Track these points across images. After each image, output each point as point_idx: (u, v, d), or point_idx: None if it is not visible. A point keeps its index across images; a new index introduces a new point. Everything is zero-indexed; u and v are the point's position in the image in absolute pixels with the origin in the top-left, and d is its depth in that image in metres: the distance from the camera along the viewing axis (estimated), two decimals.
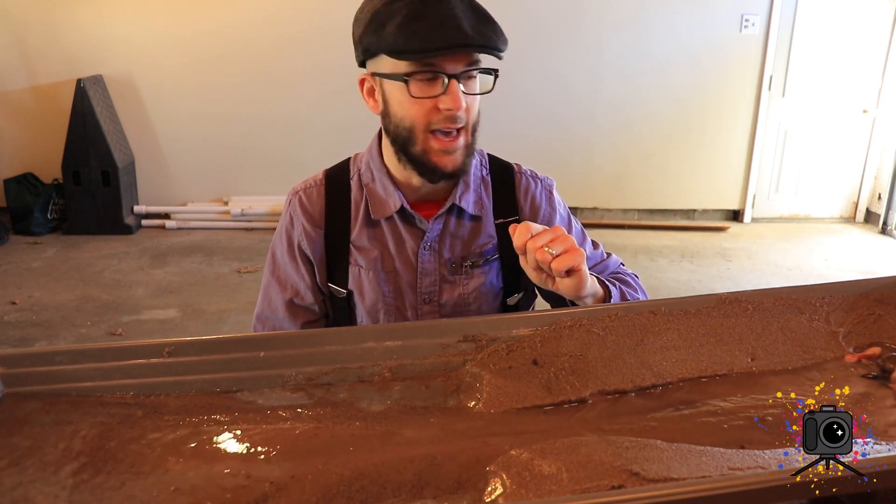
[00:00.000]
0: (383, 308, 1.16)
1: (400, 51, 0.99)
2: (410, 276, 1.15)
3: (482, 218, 1.16)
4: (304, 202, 1.17)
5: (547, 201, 1.21)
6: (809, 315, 1.01)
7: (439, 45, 0.96)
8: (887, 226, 5.12)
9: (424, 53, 0.97)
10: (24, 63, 4.81)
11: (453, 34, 0.96)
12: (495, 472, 0.72)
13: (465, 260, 1.15)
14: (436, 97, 1.00)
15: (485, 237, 1.16)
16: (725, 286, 4.02)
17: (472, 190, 1.16)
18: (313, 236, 1.16)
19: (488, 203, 1.18)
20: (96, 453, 0.77)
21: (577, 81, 5.00)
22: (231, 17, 4.81)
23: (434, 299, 1.15)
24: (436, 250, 1.15)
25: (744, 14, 4.92)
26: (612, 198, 5.30)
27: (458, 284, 1.15)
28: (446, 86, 0.99)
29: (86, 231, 4.77)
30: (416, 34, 0.96)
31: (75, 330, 3.34)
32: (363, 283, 1.15)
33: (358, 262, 1.15)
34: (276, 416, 0.85)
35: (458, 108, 1.00)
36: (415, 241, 1.14)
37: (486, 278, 1.16)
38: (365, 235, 1.15)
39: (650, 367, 0.93)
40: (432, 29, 0.96)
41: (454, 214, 1.15)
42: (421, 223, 1.14)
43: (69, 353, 0.89)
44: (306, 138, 5.02)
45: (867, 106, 5.15)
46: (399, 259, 1.15)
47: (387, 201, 1.13)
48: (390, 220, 1.14)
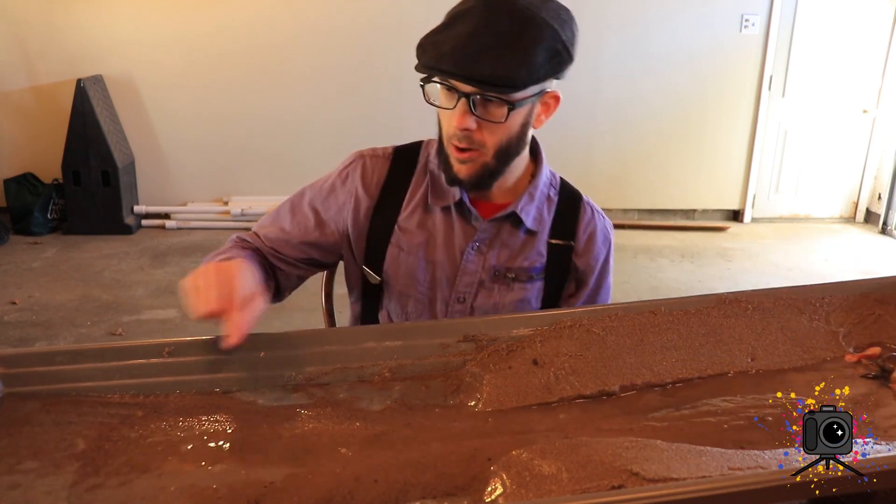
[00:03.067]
0: (414, 296, 1.14)
1: (417, 55, 1.01)
2: (451, 271, 1.13)
3: (537, 234, 1.14)
4: (366, 167, 1.15)
5: (603, 243, 1.19)
6: (809, 315, 1.01)
7: (434, 65, 0.97)
8: (887, 226, 5.11)
9: (423, 68, 0.99)
10: (24, 63, 4.81)
11: (440, 58, 0.95)
12: (495, 472, 0.72)
13: (509, 271, 1.13)
14: (448, 110, 1.01)
15: (535, 254, 1.14)
16: (725, 286, 4.02)
17: (535, 205, 1.14)
18: (362, 204, 1.14)
19: (548, 221, 1.16)
20: (96, 453, 0.77)
21: (577, 81, 4.99)
22: (231, 16, 4.81)
23: (468, 300, 1.14)
24: (483, 253, 1.13)
25: (744, 14, 4.92)
26: (612, 198, 5.29)
27: (496, 293, 1.14)
28: (457, 102, 0.99)
29: (86, 231, 4.76)
30: (422, 46, 0.98)
31: (75, 330, 3.34)
32: (399, 268, 1.13)
33: (400, 244, 1.13)
34: (276, 416, 0.85)
35: (459, 127, 0.99)
36: (465, 237, 1.13)
37: (525, 294, 1.14)
38: (415, 219, 1.13)
39: (650, 367, 0.93)
40: (436, 45, 0.96)
41: (510, 222, 1.13)
42: (476, 221, 1.13)
43: (69, 353, 0.90)
44: (306, 138, 5.01)
45: (867, 106, 5.15)
46: (444, 251, 1.13)
47: (448, 190, 1.12)
48: (446, 210, 1.13)
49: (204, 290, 0.89)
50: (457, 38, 0.95)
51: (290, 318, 3.40)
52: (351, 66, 4.81)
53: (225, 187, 5.14)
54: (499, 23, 0.94)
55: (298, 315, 3.38)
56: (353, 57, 4.82)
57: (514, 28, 0.95)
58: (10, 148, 4.93)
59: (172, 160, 5.08)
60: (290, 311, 3.52)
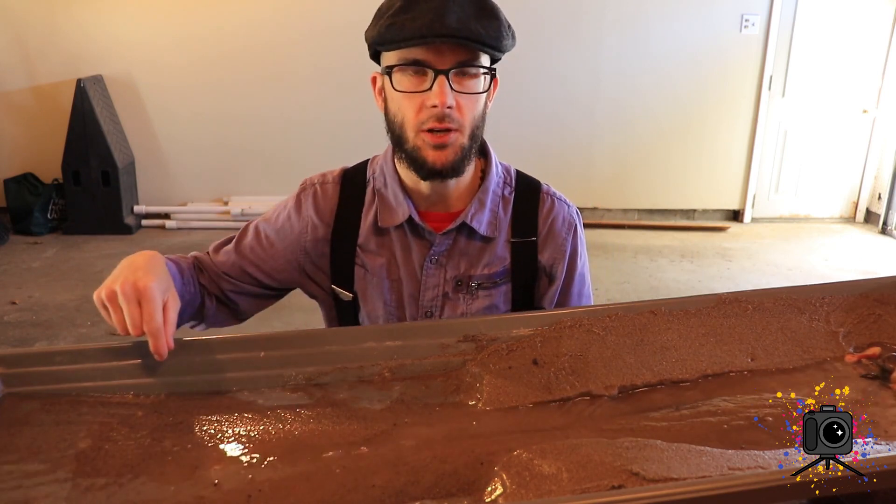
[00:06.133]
0: (384, 316, 1.13)
1: (381, 41, 0.99)
2: (413, 288, 1.12)
3: (495, 239, 1.12)
4: (317, 195, 1.14)
5: (565, 230, 1.15)
6: (809, 315, 1.01)
7: (415, 34, 0.94)
8: (887, 226, 5.12)
9: (400, 44, 0.96)
10: (24, 63, 4.81)
11: (434, 25, 0.93)
12: (495, 472, 0.72)
13: (471, 279, 1.12)
14: (423, 93, 0.98)
15: (495, 259, 1.12)
16: (725, 286, 4.02)
17: (487, 209, 1.11)
18: (319, 231, 1.13)
19: (505, 223, 1.13)
20: (96, 453, 0.77)
21: (577, 81, 5.00)
22: (231, 16, 4.81)
23: (435, 314, 1.13)
24: (442, 265, 1.11)
25: (744, 14, 4.92)
26: (612, 198, 5.29)
27: (461, 303, 1.12)
28: (433, 81, 0.97)
29: (86, 231, 4.76)
30: (395, 24, 0.96)
31: (75, 330, 3.34)
32: (367, 288, 1.13)
33: (364, 265, 1.12)
34: (276, 416, 0.85)
35: (443, 105, 0.96)
36: (421, 252, 1.11)
37: (491, 301, 1.12)
38: (373, 241, 1.12)
39: (650, 367, 0.93)
40: (415, 20, 0.94)
41: (465, 233, 1.11)
42: (430, 235, 1.10)
43: (69, 353, 0.89)
44: (306, 138, 5.02)
45: (867, 106, 5.15)
46: (405, 269, 1.12)
47: (396, 210, 1.10)
48: (399, 228, 1.11)
49: (121, 309, 0.87)
50: (434, 11, 0.94)
51: (290, 318, 3.40)
52: (351, 66, 4.80)
53: (225, 187, 5.15)
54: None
55: (298, 315, 3.38)
56: (353, 57, 4.78)
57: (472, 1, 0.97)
58: (10, 148, 4.93)
59: (172, 160, 5.08)
60: (290, 311, 3.53)
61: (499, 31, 0.98)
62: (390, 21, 0.96)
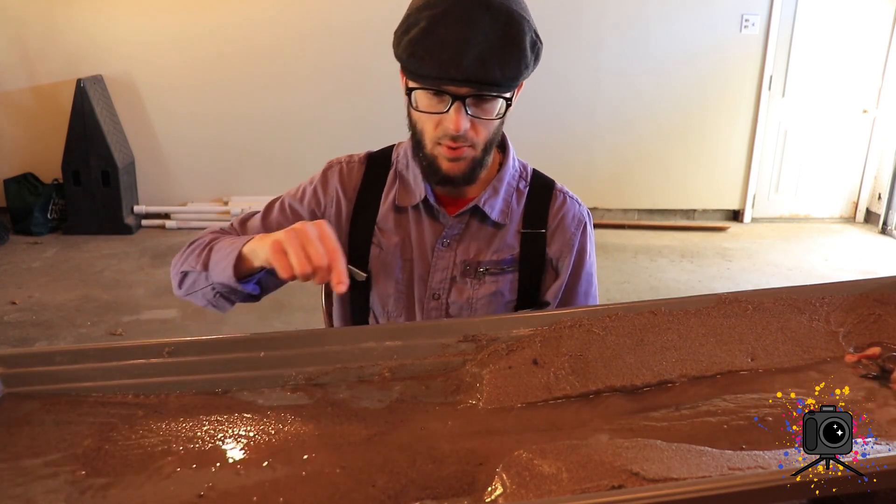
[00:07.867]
0: (394, 296, 1.17)
1: (404, 67, 1.03)
2: (423, 269, 1.16)
3: (505, 227, 1.16)
4: (343, 172, 1.19)
5: (575, 227, 1.18)
6: (809, 315, 1.01)
7: (432, 74, 0.97)
8: (887, 226, 5.12)
9: (419, 78, 0.99)
10: (24, 63, 4.81)
11: (450, 69, 0.96)
12: (495, 473, 0.72)
13: (479, 265, 1.15)
14: (440, 114, 1.01)
15: (504, 246, 1.15)
16: (725, 286, 4.02)
17: (500, 197, 1.15)
18: (343, 208, 1.17)
19: (517, 213, 1.17)
20: (96, 453, 0.77)
21: (577, 81, 5.00)
22: (231, 16, 4.81)
23: (442, 297, 1.16)
24: (452, 248, 1.15)
25: (744, 14, 4.92)
26: (612, 198, 5.29)
27: (468, 288, 1.15)
28: (450, 106, 1.00)
29: (86, 231, 4.76)
30: (415, 55, 0.98)
31: (75, 330, 3.34)
32: (380, 266, 1.16)
33: (380, 243, 1.16)
34: (275, 416, 0.85)
35: (458, 130, 1.00)
36: (434, 234, 1.15)
37: (497, 287, 1.15)
38: (391, 220, 1.16)
39: (650, 367, 0.93)
40: (434, 55, 0.96)
41: (477, 217, 1.15)
42: (443, 218, 1.15)
43: (69, 353, 0.89)
44: (306, 138, 5.02)
45: (867, 106, 5.15)
46: (417, 250, 1.16)
47: (414, 190, 1.15)
48: (416, 209, 1.16)
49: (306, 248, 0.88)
50: (454, 47, 0.95)
51: (290, 318, 3.40)
52: (351, 66, 4.81)
53: (225, 187, 5.15)
54: (481, 22, 0.95)
55: (298, 315, 3.39)
56: (353, 57, 4.82)
57: (498, 26, 0.97)
58: (10, 148, 4.93)
59: (172, 160, 5.08)
60: (290, 311, 3.53)
61: (518, 67, 1.00)
62: (411, 50, 0.98)
